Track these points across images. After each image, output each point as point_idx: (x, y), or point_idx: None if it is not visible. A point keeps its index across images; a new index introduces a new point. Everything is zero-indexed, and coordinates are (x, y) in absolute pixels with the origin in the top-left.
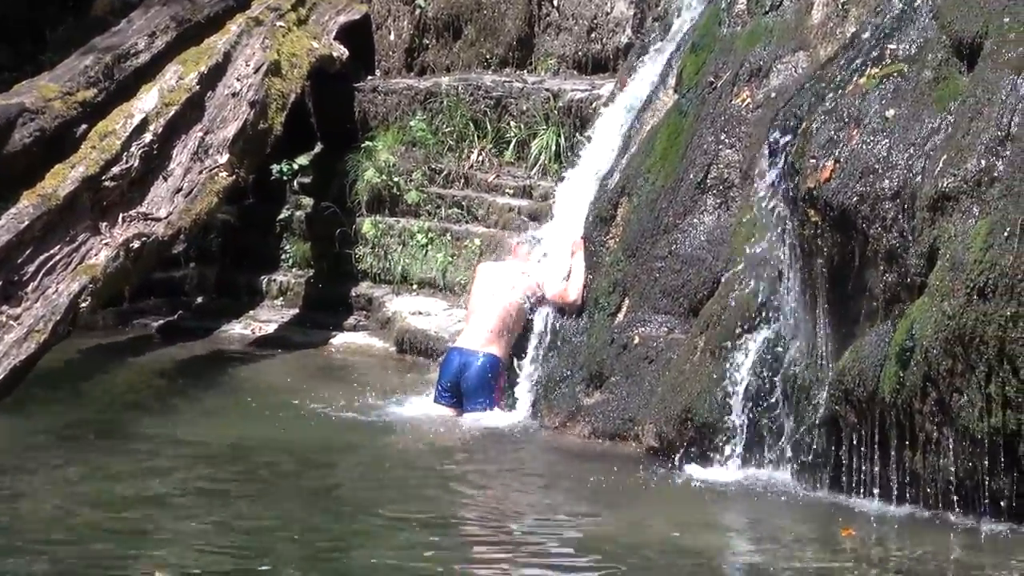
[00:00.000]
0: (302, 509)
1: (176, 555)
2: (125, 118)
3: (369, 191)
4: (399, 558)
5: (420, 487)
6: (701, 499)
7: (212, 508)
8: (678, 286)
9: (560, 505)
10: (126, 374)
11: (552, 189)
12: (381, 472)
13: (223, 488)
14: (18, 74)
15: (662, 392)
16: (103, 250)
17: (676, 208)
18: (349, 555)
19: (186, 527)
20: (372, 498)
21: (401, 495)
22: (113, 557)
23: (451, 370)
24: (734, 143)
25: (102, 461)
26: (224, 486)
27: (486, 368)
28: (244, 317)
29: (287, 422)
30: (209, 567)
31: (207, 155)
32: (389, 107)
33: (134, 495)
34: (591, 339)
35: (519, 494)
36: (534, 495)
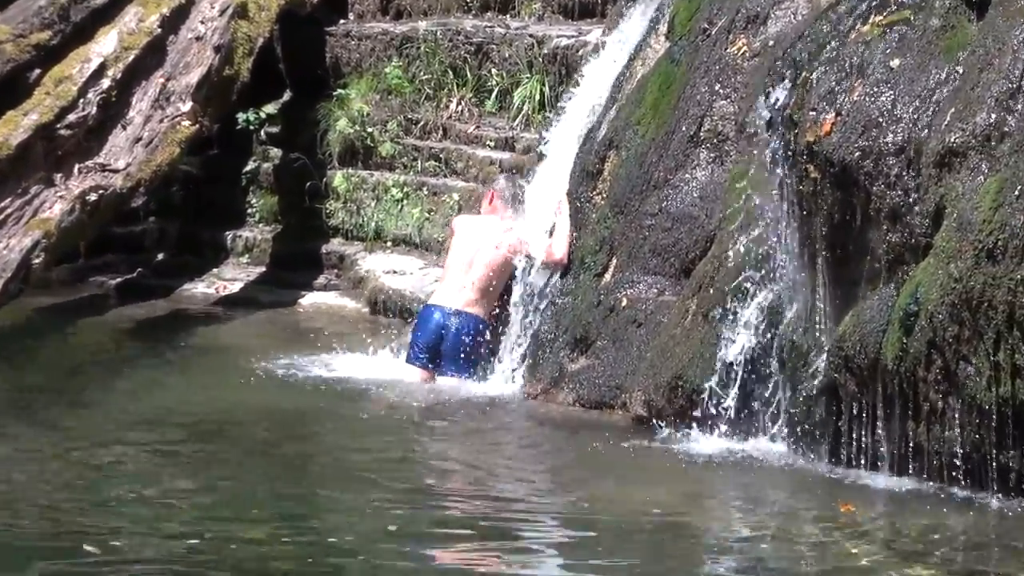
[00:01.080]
0: (264, 479)
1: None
2: (82, 63)
3: (341, 142)
4: (365, 533)
5: (392, 456)
6: (691, 471)
7: (166, 477)
8: (669, 245)
9: (540, 477)
10: (81, 336)
11: (535, 141)
12: (352, 440)
13: (180, 456)
14: None
15: (651, 358)
16: (57, 203)
17: (667, 162)
18: (311, 529)
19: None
20: (341, 467)
21: (372, 464)
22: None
23: (429, 329)
24: (729, 94)
25: (52, 428)
26: (182, 454)
27: (468, 329)
28: (207, 275)
29: (252, 387)
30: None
31: (169, 103)
32: (363, 53)
33: (85, 464)
34: (576, 301)
35: (497, 465)
36: (513, 466)
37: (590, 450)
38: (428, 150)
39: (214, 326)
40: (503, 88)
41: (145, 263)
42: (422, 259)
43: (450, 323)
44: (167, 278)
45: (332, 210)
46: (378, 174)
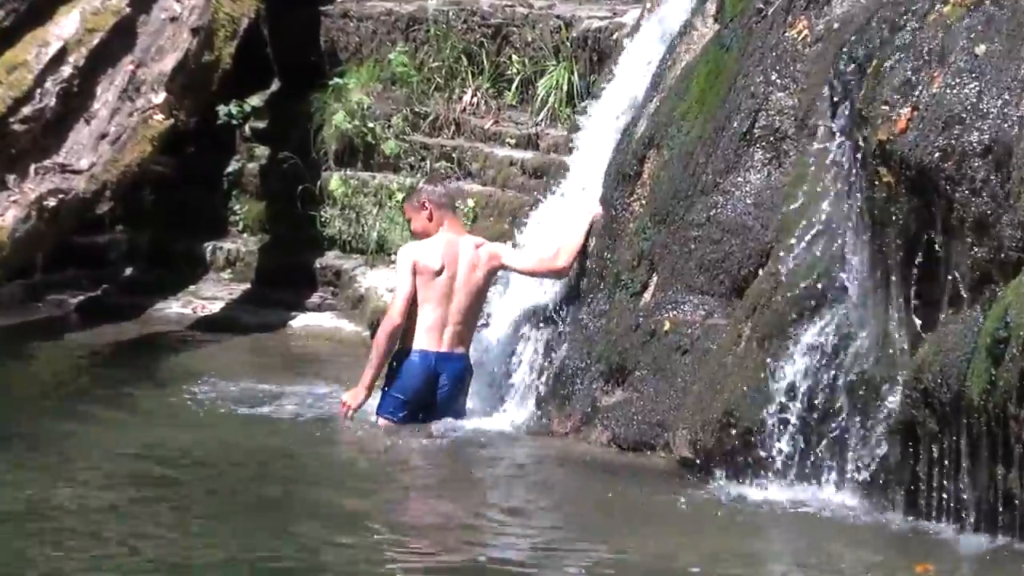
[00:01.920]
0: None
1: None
2: (39, 47)
3: (338, 139)
4: None
5: (401, 503)
6: (743, 523)
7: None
8: (718, 260)
9: (570, 530)
10: (35, 363)
11: (562, 139)
12: (346, 489)
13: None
14: None
15: (698, 391)
16: (11, 209)
17: (716, 164)
18: None
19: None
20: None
21: (371, 512)
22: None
23: (415, 381)
24: (788, 84)
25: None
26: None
27: (461, 373)
28: (183, 293)
29: (232, 425)
30: None
31: (139, 93)
32: (363, 36)
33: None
34: (611, 324)
35: (520, 516)
36: (538, 517)
37: (626, 497)
38: (438, 149)
39: (190, 352)
40: (525, 77)
41: (111, 279)
42: None
43: (441, 370)
44: (136, 296)
45: (327, 218)
46: (381, 176)
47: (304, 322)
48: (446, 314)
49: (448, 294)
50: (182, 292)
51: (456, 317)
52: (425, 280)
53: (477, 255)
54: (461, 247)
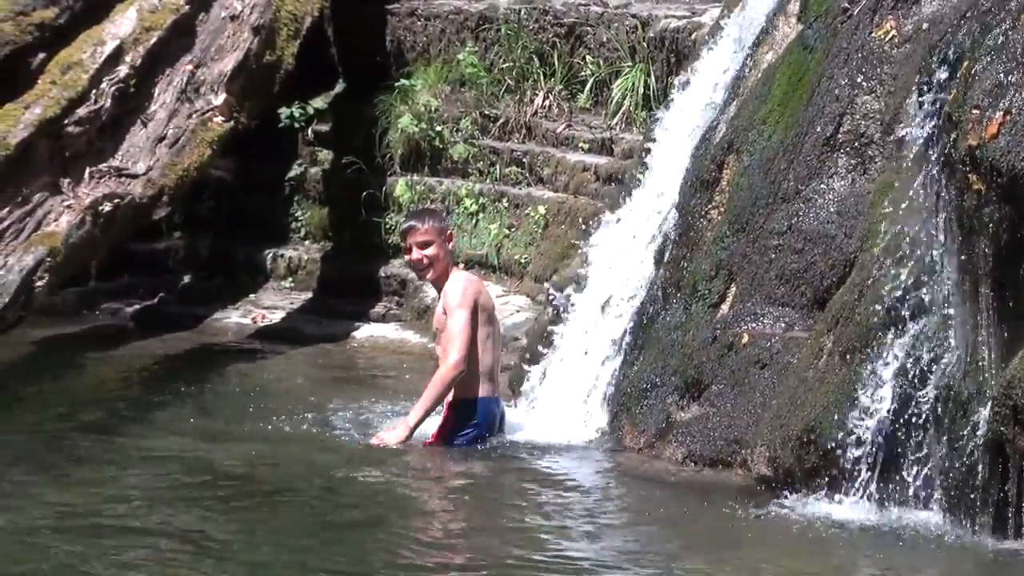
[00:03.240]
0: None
1: None
2: (94, 46)
3: (404, 143)
4: None
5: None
6: (824, 543)
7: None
8: (800, 270)
9: (645, 550)
10: (91, 374)
11: (638, 144)
12: (419, 505)
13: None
14: None
15: (778, 406)
16: (65, 214)
17: (798, 170)
18: None
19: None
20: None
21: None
22: None
23: (496, 425)
24: (874, 87)
25: (55, 482)
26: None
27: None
28: (243, 302)
29: (293, 440)
30: None
31: (198, 94)
32: (431, 35)
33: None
34: (686, 336)
35: (592, 535)
36: (611, 536)
37: (701, 516)
38: (509, 153)
39: (249, 365)
40: (599, 79)
41: (168, 287)
42: (500, 284)
43: (502, 413)
44: (194, 305)
45: (393, 225)
46: (448, 182)
47: (368, 333)
48: (498, 356)
49: (497, 335)
50: (241, 301)
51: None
52: (485, 322)
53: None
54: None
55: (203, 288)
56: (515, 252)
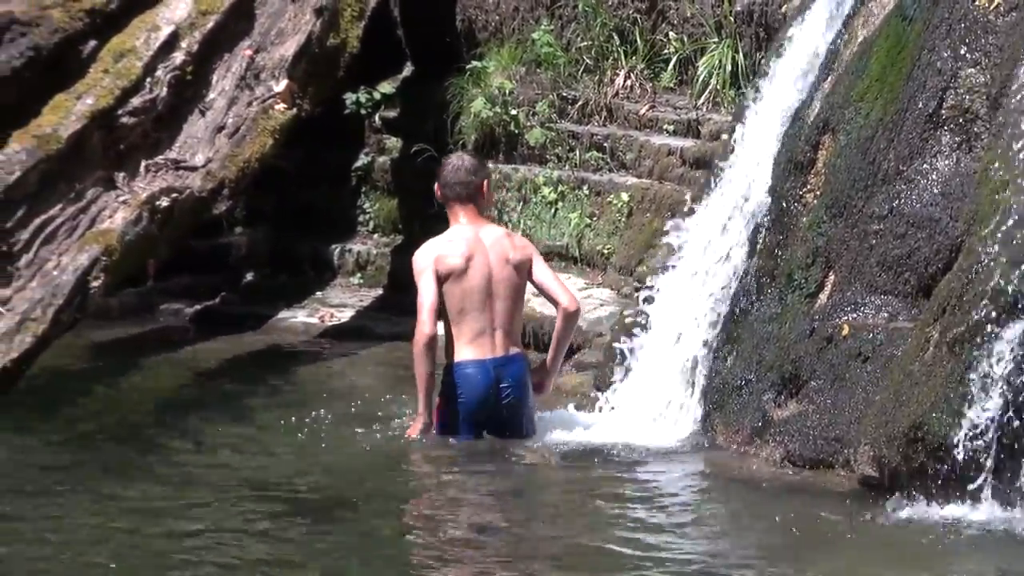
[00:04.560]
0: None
1: None
2: (148, 32)
3: (478, 128)
4: None
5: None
6: (935, 548)
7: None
8: (903, 256)
9: (740, 555)
10: (150, 377)
11: (726, 124)
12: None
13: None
14: None
15: (882, 402)
16: (120, 210)
17: (899, 149)
18: None
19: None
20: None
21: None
22: None
23: (481, 392)
24: (979, 59)
25: (114, 489)
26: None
27: (527, 372)
28: (309, 300)
29: (365, 443)
30: None
31: (258, 81)
32: (504, 14)
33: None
34: (783, 329)
35: (683, 539)
36: (707, 542)
37: (802, 519)
38: (589, 137)
39: (318, 366)
40: (684, 57)
41: (230, 285)
42: (582, 277)
43: (502, 376)
44: (257, 304)
45: None
46: (525, 169)
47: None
48: (492, 316)
49: (488, 294)
50: (308, 299)
51: (503, 317)
52: (454, 283)
53: (505, 244)
54: (484, 238)
55: (267, 286)
56: (597, 243)
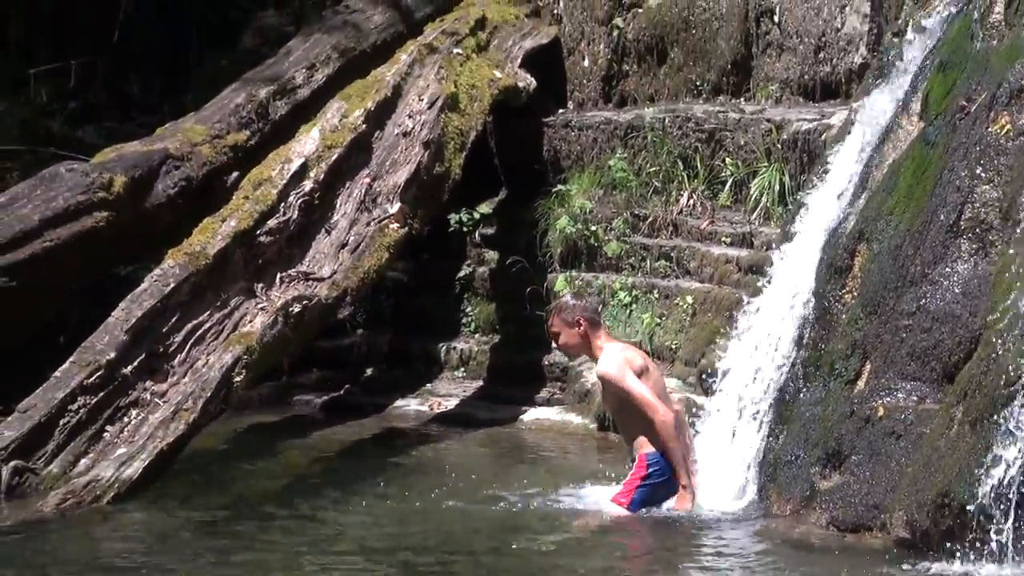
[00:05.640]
0: None
1: None
2: (282, 163)
3: (563, 242)
4: None
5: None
6: None
7: None
8: (929, 347)
9: None
10: (286, 457)
11: (776, 236)
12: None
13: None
14: (160, 116)
15: (913, 473)
16: (259, 315)
17: (924, 255)
18: None
19: None
20: None
21: None
22: None
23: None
24: (992, 177)
25: (256, 556)
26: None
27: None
28: (420, 391)
29: (471, 513)
30: None
31: (376, 204)
32: (584, 144)
33: None
34: (827, 411)
35: None
36: None
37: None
38: (658, 248)
39: (429, 446)
40: (738, 179)
41: (353, 379)
42: None
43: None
44: (377, 395)
45: None
46: (603, 276)
47: (534, 416)
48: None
49: (663, 388)
50: (419, 390)
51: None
52: (645, 380)
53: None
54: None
55: (384, 379)
56: (666, 339)
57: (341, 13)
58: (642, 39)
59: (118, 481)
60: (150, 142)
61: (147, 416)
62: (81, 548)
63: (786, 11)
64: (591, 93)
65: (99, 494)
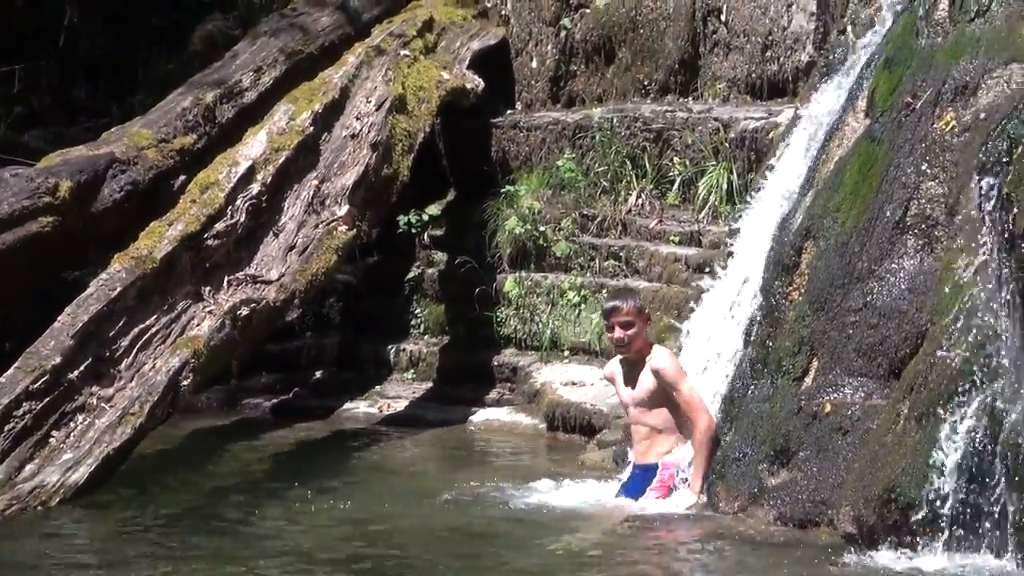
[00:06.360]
0: None
1: None
2: (229, 167)
3: (512, 243)
4: None
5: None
6: None
7: None
8: (875, 343)
9: None
10: (235, 461)
11: (723, 235)
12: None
13: None
14: (106, 119)
15: (860, 469)
16: (206, 319)
17: (871, 252)
18: None
19: None
20: None
21: None
22: None
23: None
24: (937, 174)
25: (202, 558)
26: None
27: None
28: (370, 393)
29: (420, 514)
30: None
31: (323, 207)
32: (532, 145)
33: None
34: (774, 408)
35: None
36: None
37: (792, 571)
38: (606, 248)
39: (378, 448)
40: (686, 178)
41: (302, 382)
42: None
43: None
44: (326, 397)
45: (503, 318)
46: (552, 276)
47: (484, 417)
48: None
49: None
50: (369, 392)
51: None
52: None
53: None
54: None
55: (334, 382)
56: None
57: (288, 16)
58: (590, 39)
59: (64, 486)
60: (96, 146)
61: (93, 421)
62: (22, 553)
63: (733, 10)
64: (539, 94)
65: (45, 499)
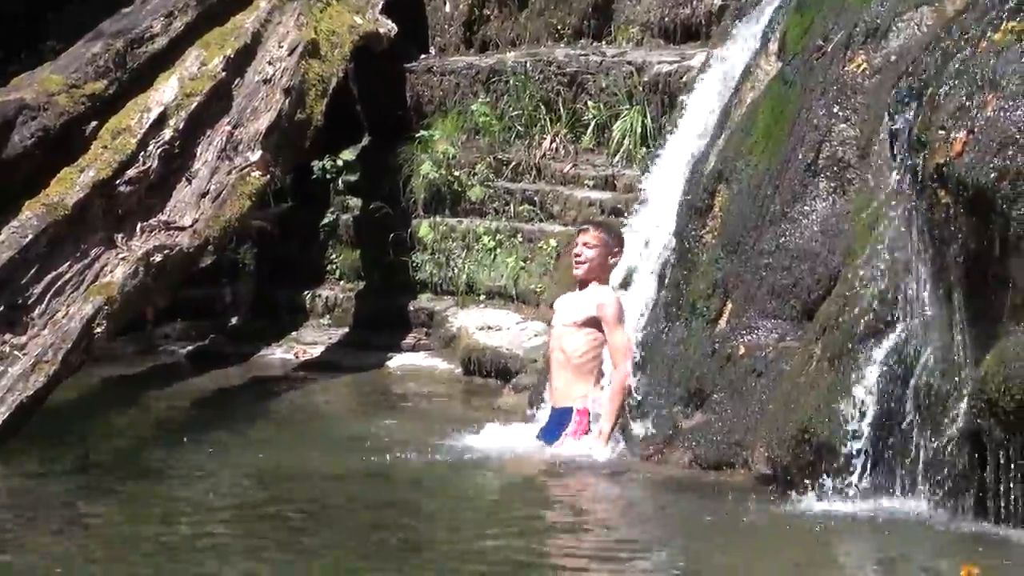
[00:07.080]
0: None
1: None
2: (140, 112)
3: (426, 188)
4: None
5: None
6: (821, 534)
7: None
8: (788, 285)
9: (655, 546)
10: (150, 408)
11: (637, 178)
12: (445, 513)
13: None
14: (16, 67)
15: (773, 410)
16: (119, 266)
17: (783, 194)
18: None
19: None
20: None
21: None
22: None
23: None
24: (849, 116)
25: (120, 504)
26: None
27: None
28: (286, 339)
29: (337, 459)
30: None
31: (237, 152)
32: (446, 90)
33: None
34: (688, 351)
35: (606, 535)
36: (624, 535)
37: (707, 512)
38: (521, 193)
39: (295, 393)
40: (601, 122)
41: (218, 329)
42: (519, 313)
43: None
44: (242, 344)
45: (419, 263)
46: (467, 221)
47: (400, 362)
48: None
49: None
50: (285, 339)
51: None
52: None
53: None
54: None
55: (250, 328)
56: (531, 282)
57: None
58: None
59: None
60: (5, 92)
61: (6, 369)
62: None
63: None
64: (452, 38)
65: None
